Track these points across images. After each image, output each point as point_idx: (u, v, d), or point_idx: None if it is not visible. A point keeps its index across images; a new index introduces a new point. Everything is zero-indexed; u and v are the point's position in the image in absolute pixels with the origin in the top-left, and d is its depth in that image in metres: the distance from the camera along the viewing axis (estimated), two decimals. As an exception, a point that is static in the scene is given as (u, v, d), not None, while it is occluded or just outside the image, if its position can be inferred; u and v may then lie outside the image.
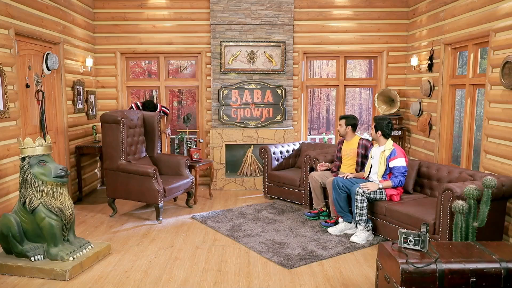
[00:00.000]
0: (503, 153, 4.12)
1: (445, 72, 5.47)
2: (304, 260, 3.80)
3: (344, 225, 4.50)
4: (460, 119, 8.80)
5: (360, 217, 4.30)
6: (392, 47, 6.71)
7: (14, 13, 4.28)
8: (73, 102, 5.80)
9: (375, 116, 4.68)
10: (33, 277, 3.44)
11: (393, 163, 4.38)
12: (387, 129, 4.47)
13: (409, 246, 2.80)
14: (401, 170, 4.37)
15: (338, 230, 4.51)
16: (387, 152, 4.42)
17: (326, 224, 4.67)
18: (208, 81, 6.71)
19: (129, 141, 5.14)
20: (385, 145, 4.47)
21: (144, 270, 3.63)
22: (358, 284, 3.38)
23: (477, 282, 2.61)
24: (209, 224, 4.83)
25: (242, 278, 3.48)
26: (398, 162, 4.37)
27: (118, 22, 6.59)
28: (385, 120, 4.49)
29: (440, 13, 5.54)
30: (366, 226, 4.31)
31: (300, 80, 6.78)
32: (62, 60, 5.40)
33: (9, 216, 3.55)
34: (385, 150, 4.44)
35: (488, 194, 3.19)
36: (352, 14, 6.65)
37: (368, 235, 4.33)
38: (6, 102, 4.06)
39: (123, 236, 4.48)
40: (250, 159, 6.66)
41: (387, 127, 4.46)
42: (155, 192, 4.81)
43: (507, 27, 4.07)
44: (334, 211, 4.67)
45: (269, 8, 6.46)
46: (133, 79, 8.85)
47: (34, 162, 3.54)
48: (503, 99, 4.15)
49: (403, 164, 4.38)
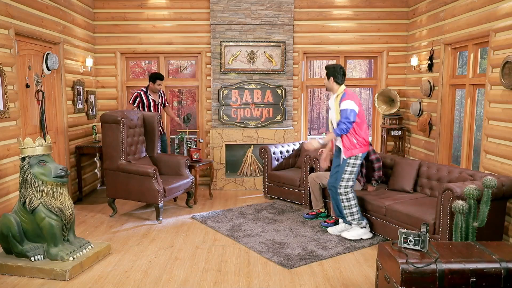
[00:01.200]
0: (503, 153, 4.12)
1: (445, 72, 5.47)
2: (304, 260, 3.80)
3: (343, 226, 4.48)
4: (460, 119, 8.80)
5: (352, 216, 4.21)
6: (392, 47, 6.71)
7: (14, 13, 4.28)
8: (73, 102, 5.80)
9: (326, 65, 4.38)
10: (33, 277, 3.44)
11: (341, 106, 4.05)
12: (340, 74, 4.22)
13: (409, 246, 2.80)
14: (346, 114, 3.98)
15: (337, 230, 4.50)
16: (339, 98, 4.16)
17: (326, 224, 4.67)
18: (208, 81, 6.71)
19: (129, 141, 5.14)
20: (336, 92, 4.22)
21: (144, 270, 3.63)
22: (358, 284, 3.38)
23: (477, 282, 2.61)
24: (209, 224, 4.83)
25: (242, 278, 3.48)
26: (344, 105, 4.02)
27: (118, 22, 6.59)
28: (337, 66, 4.27)
29: (440, 13, 5.54)
30: (359, 223, 4.25)
31: (300, 80, 6.78)
32: (62, 60, 5.40)
33: (9, 216, 3.55)
34: (338, 95, 4.18)
35: (488, 194, 3.19)
36: (352, 14, 6.65)
37: (363, 233, 4.26)
38: (6, 102, 4.06)
39: (123, 236, 4.48)
40: (250, 159, 6.66)
41: (339, 72, 4.21)
42: (155, 192, 4.81)
43: (507, 27, 4.07)
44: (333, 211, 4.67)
45: (269, 8, 6.46)
46: (133, 79, 8.85)
47: (34, 162, 3.54)
48: (503, 99, 4.15)
49: (350, 107, 3.98)
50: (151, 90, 5.99)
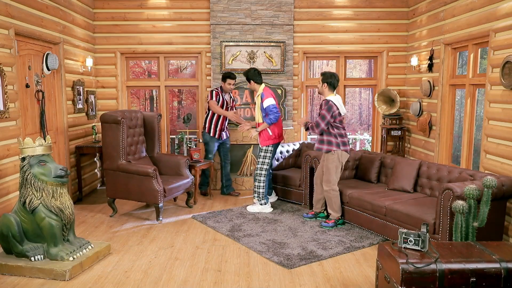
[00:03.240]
0: (503, 153, 4.12)
1: (445, 72, 5.47)
2: (304, 260, 3.80)
3: None
4: (460, 119, 8.80)
5: (258, 195, 5.27)
6: (392, 47, 6.71)
7: (14, 13, 4.28)
8: (73, 102, 5.80)
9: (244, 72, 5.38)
10: (33, 277, 3.44)
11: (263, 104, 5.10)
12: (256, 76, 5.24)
13: (409, 246, 2.81)
14: (270, 108, 5.07)
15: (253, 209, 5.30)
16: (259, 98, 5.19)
17: (326, 225, 4.68)
18: (208, 81, 6.71)
19: (129, 141, 5.14)
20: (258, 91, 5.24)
21: (144, 270, 3.63)
22: (358, 284, 3.38)
23: (477, 282, 2.61)
24: (209, 224, 4.83)
25: (242, 278, 3.48)
26: (267, 102, 5.09)
27: (118, 22, 6.59)
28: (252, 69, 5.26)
29: (440, 13, 5.54)
30: (259, 201, 5.26)
31: (300, 80, 6.78)
32: (62, 60, 5.40)
33: (9, 216, 3.55)
34: (258, 95, 5.22)
35: (488, 194, 3.19)
36: (352, 14, 6.65)
37: (262, 208, 5.25)
38: (6, 102, 4.06)
39: (123, 236, 4.48)
40: (250, 159, 6.66)
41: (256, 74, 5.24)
42: (155, 192, 4.81)
43: (507, 27, 4.07)
44: None
45: (269, 8, 6.46)
46: (133, 79, 8.86)
47: (34, 162, 3.54)
48: (503, 99, 4.15)
49: (272, 103, 5.09)
50: (224, 90, 5.88)
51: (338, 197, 4.74)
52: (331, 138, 4.67)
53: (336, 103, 4.62)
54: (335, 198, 4.72)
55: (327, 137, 4.68)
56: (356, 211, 4.67)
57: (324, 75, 4.71)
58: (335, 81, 4.70)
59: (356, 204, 4.65)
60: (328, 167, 4.70)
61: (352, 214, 4.73)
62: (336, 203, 4.72)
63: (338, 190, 4.75)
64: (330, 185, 4.71)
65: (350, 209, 4.75)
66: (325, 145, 4.69)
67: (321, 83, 4.73)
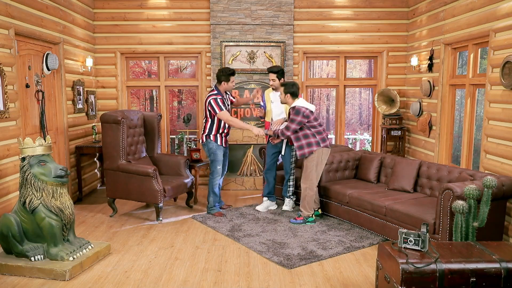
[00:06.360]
0: (503, 153, 4.12)
1: (445, 72, 5.47)
2: (304, 260, 3.80)
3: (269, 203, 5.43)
4: (460, 119, 8.81)
5: None
6: (392, 47, 6.71)
7: (14, 13, 4.28)
8: (73, 102, 5.80)
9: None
10: (33, 277, 3.45)
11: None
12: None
13: (409, 246, 2.81)
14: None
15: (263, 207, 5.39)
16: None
17: (295, 221, 4.82)
18: (208, 81, 6.71)
19: (129, 141, 5.15)
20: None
21: (144, 270, 3.63)
22: (358, 284, 3.38)
23: (477, 282, 2.61)
24: (209, 224, 4.83)
25: (242, 278, 3.49)
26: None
27: (118, 22, 6.59)
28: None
29: (440, 13, 5.54)
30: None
31: (300, 80, 6.78)
32: (62, 60, 5.40)
33: (9, 216, 3.55)
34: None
35: (488, 194, 3.19)
36: (352, 14, 6.65)
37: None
38: (6, 102, 4.06)
39: (123, 236, 4.48)
40: (250, 159, 6.67)
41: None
42: (155, 192, 4.81)
43: (507, 27, 4.07)
44: None
45: (269, 8, 6.46)
46: (133, 79, 8.86)
47: (34, 162, 3.54)
48: (503, 99, 4.15)
49: None
50: (226, 89, 5.17)
51: (313, 198, 4.82)
52: (310, 139, 4.73)
53: (302, 105, 4.72)
54: (309, 198, 4.79)
55: (305, 140, 4.73)
56: (356, 211, 4.67)
57: (286, 85, 4.81)
58: (296, 89, 4.82)
59: (356, 204, 4.65)
60: (307, 166, 4.78)
61: (352, 214, 4.73)
62: (309, 202, 4.80)
63: (315, 190, 4.83)
64: (308, 183, 4.78)
65: (350, 209, 4.75)
66: (305, 148, 4.74)
67: (284, 94, 4.82)
